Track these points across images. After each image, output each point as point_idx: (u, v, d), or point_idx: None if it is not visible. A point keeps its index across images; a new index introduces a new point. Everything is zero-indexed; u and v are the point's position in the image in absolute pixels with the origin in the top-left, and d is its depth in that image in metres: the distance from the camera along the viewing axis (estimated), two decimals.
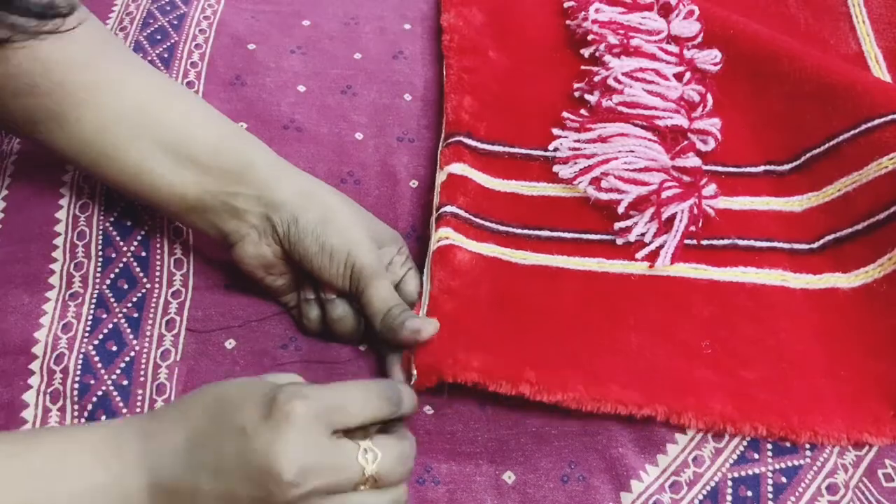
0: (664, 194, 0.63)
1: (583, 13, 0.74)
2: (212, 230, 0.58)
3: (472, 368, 0.53)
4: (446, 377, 0.53)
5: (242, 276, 0.61)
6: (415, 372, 0.54)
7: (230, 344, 0.58)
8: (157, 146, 0.56)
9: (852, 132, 0.65)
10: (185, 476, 0.44)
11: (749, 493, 0.54)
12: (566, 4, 0.77)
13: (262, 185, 0.56)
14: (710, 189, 0.65)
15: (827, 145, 0.67)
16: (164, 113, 0.56)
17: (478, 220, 0.63)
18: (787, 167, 0.69)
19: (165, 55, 0.71)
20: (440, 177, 0.64)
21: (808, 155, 0.68)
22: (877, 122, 0.64)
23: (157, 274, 0.61)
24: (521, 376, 0.54)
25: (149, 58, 0.71)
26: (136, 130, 0.55)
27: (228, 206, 0.56)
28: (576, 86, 0.72)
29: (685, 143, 0.67)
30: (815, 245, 0.65)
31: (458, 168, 0.65)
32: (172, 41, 0.72)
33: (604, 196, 0.65)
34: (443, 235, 0.60)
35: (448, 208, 0.62)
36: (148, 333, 0.58)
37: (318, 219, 0.55)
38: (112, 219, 0.63)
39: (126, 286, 0.60)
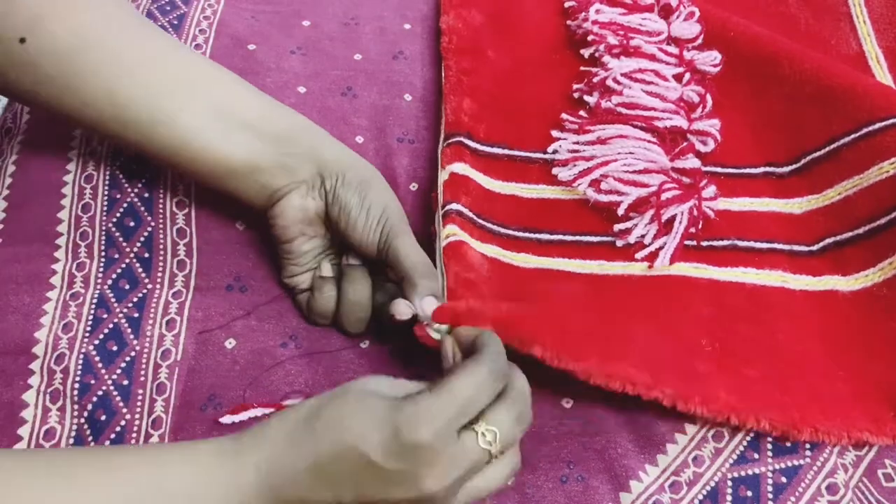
0: (664, 196, 0.63)
1: (583, 14, 0.75)
2: (256, 189, 0.58)
3: (486, 318, 0.53)
4: (460, 321, 0.53)
5: (244, 277, 0.61)
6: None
7: (230, 343, 0.59)
8: (207, 113, 0.57)
9: (853, 136, 0.66)
10: (316, 493, 0.46)
11: (749, 493, 0.54)
12: (567, 4, 0.78)
13: (312, 145, 0.59)
14: (710, 190, 0.65)
15: (827, 148, 0.67)
16: (210, 83, 0.58)
17: (480, 221, 0.63)
18: (786, 169, 0.69)
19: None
20: (442, 175, 0.64)
21: (808, 157, 0.68)
22: (877, 125, 0.65)
23: (160, 275, 0.61)
24: (535, 339, 0.53)
25: None
26: (184, 99, 0.57)
27: (281, 163, 0.58)
28: (575, 87, 0.72)
29: (684, 144, 0.67)
30: (815, 247, 0.65)
31: (460, 167, 0.64)
32: None
33: (603, 198, 0.65)
34: (451, 232, 0.60)
35: (453, 206, 0.62)
36: (148, 333, 0.58)
37: (360, 178, 0.58)
38: (115, 219, 0.63)
39: (128, 286, 0.60)
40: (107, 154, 0.66)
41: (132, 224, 0.63)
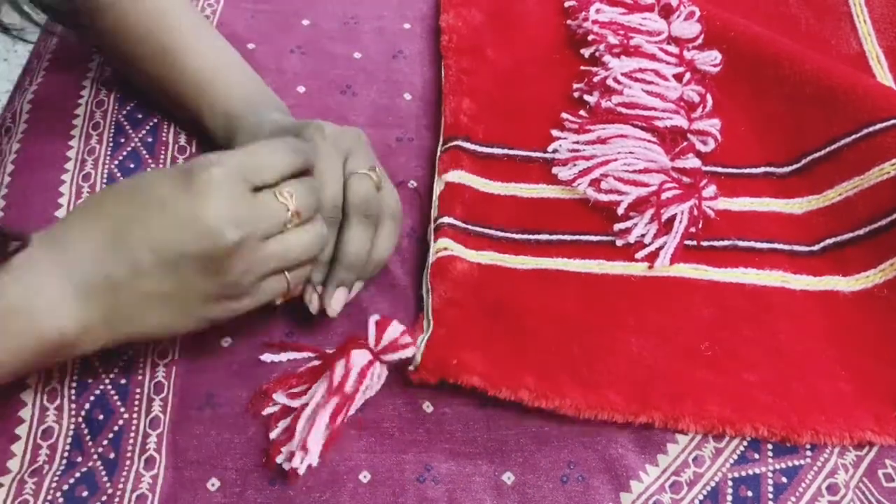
0: (664, 195, 0.63)
1: (583, 13, 0.75)
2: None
3: (474, 372, 0.54)
4: (448, 378, 0.55)
5: None
6: (418, 357, 0.54)
7: (227, 342, 0.58)
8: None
9: (853, 136, 0.66)
10: (116, 266, 0.47)
11: (749, 494, 0.54)
12: (567, 4, 0.77)
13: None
14: (710, 190, 0.65)
15: (828, 149, 0.67)
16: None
17: (476, 229, 0.63)
18: (787, 169, 0.69)
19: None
20: (438, 186, 0.65)
21: (808, 158, 0.68)
22: (878, 126, 0.65)
23: None
24: (520, 383, 0.55)
25: None
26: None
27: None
28: (575, 86, 0.72)
29: (685, 144, 0.67)
30: (816, 248, 0.64)
31: (456, 176, 0.65)
32: None
33: (603, 197, 0.65)
34: (441, 247, 0.61)
35: (445, 219, 0.62)
36: None
37: None
38: None
39: None
40: (105, 153, 0.66)
41: None
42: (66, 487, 0.52)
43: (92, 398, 0.55)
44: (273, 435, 0.54)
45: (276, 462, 0.52)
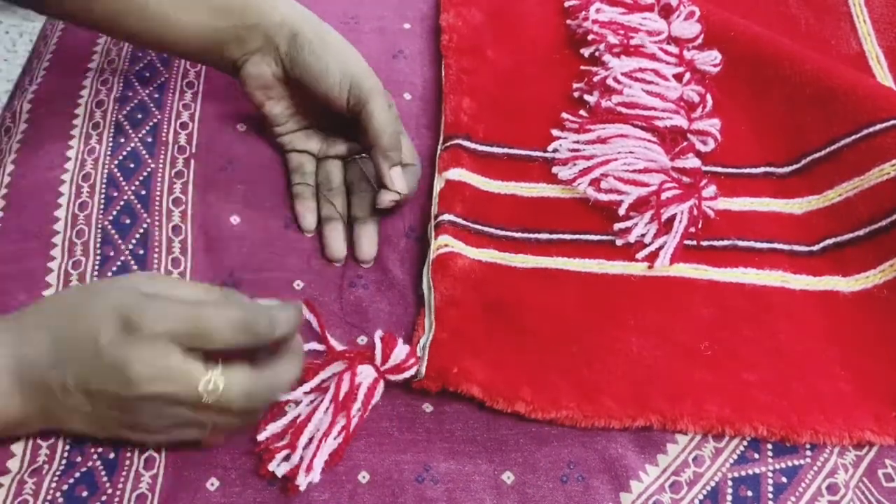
0: (664, 195, 0.63)
1: (583, 13, 0.75)
2: (222, 63, 0.63)
3: (474, 382, 0.55)
4: (449, 386, 0.55)
5: (238, 273, 0.61)
6: (423, 371, 0.55)
7: None
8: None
9: (853, 137, 0.65)
10: (50, 377, 0.47)
11: (749, 493, 0.54)
12: (567, 4, 0.77)
13: (261, 12, 0.60)
14: (710, 190, 0.65)
15: (828, 149, 0.67)
16: None
17: (476, 226, 0.63)
18: (787, 169, 0.68)
19: (166, 55, 0.71)
20: (438, 184, 0.65)
21: (808, 158, 0.68)
22: (878, 127, 0.65)
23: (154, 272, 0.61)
24: (517, 395, 0.55)
25: (148, 58, 0.71)
26: None
27: (234, 35, 0.61)
28: (575, 86, 0.72)
29: (685, 143, 0.67)
30: (816, 248, 0.64)
31: (456, 174, 0.65)
32: None
33: (603, 197, 0.65)
34: (442, 243, 0.61)
35: (445, 216, 0.62)
36: None
37: (314, 35, 0.60)
38: (111, 217, 0.62)
39: None
40: (105, 152, 0.66)
41: (128, 221, 0.62)
42: (65, 487, 0.52)
43: None
44: (261, 437, 0.53)
45: (269, 469, 0.52)
